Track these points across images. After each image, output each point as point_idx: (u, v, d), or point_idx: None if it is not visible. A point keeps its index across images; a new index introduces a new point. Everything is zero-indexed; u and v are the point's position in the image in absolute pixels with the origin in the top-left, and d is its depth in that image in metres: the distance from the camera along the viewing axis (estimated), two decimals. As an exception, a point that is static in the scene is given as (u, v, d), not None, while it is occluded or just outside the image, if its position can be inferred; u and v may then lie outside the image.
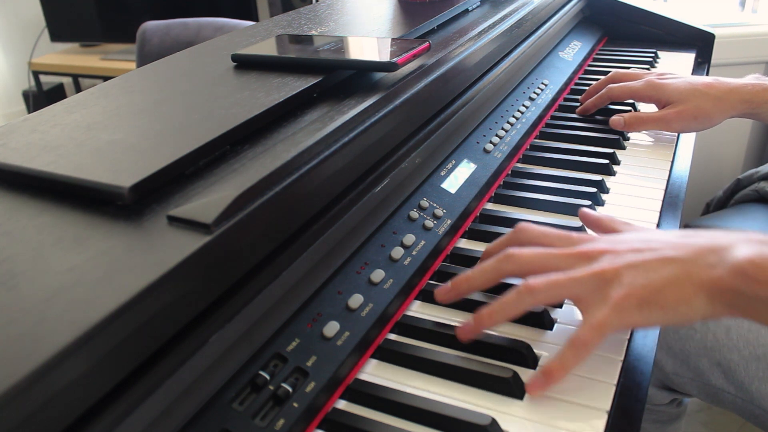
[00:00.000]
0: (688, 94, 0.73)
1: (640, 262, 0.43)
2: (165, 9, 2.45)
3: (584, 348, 0.42)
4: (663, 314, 0.41)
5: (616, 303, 0.41)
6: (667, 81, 0.76)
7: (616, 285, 0.42)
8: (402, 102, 0.55)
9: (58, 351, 0.27)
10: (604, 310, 0.42)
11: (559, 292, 0.44)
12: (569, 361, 0.42)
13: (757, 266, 0.38)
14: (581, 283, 0.43)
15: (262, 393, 0.38)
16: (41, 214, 0.39)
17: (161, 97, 0.53)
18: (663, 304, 0.41)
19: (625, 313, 0.41)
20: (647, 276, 0.42)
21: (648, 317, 0.41)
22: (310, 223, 0.45)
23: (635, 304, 0.41)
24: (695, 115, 0.73)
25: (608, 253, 0.45)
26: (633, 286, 0.42)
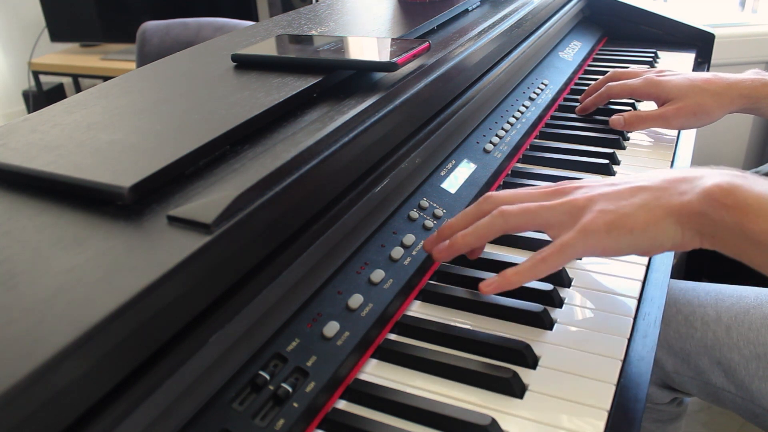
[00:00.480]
0: (687, 91, 0.73)
1: (612, 191, 0.44)
2: (165, 9, 2.45)
3: (542, 262, 0.44)
4: (631, 237, 0.42)
5: (584, 225, 0.43)
6: (666, 78, 0.76)
7: (586, 211, 0.44)
8: (402, 102, 0.55)
9: (58, 351, 0.27)
10: (571, 232, 0.43)
11: (530, 217, 0.46)
12: (525, 271, 0.44)
13: (724, 190, 0.40)
14: (553, 210, 0.45)
15: (262, 393, 0.38)
16: (41, 214, 0.39)
17: (161, 97, 0.53)
18: (631, 226, 0.42)
19: (592, 235, 0.43)
20: (617, 202, 0.43)
21: (617, 240, 0.43)
22: (310, 223, 0.45)
23: (603, 228, 0.42)
24: (695, 111, 0.73)
25: (583, 188, 0.47)
26: (602, 211, 0.43)
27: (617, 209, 0.43)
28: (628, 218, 0.42)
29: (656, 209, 0.42)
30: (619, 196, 0.44)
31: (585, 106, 0.83)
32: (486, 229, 0.47)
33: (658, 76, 0.77)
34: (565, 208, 0.45)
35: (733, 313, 0.71)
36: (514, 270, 0.45)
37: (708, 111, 0.73)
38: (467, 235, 0.47)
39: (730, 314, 0.71)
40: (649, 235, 0.42)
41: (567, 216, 0.45)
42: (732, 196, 0.39)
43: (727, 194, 0.40)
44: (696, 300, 0.74)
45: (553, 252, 0.44)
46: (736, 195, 0.40)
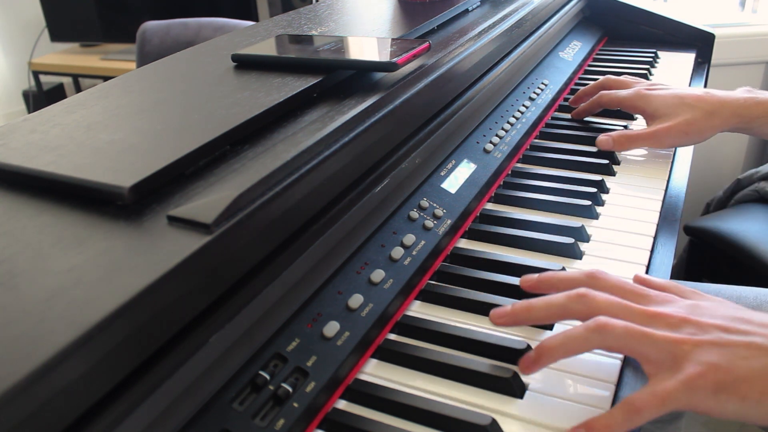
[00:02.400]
0: (676, 108, 0.70)
1: (726, 342, 0.38)
2: (165, 9, 2.45)
3: (637, 415, 0.37)
4: (741, 406, 0.37)
5: (689, 379, 0.37)
6: (655, 92, 0.73)
7: (694, 360, 0.38)
8: (402, 102, 0.55)
9: (58, 351, 0.27)
10: (674, 382, 0.37)
11: (631, 343, 0.39)
12: (617, 425, 0.38)
13: None
14: (657, 344, 0.39)
15: (262, 393, 0.38)
16: (41, 214, 0.39)
17: (161, 97, 0.53)
18: (744, 394, 0.37)
19: (697, 393, 0.37)
20: (731, 360, 0.37)
21: (723, 405, 0.37)
22: (310, 223, 0.45)
23: (711, 387, 0.37)
24: (686, 131, 0.69)
25: (690, 324, 0.40)
26: (713, 367, 0.37)
27: (730, 369, 0.37)
28: (742, 384, 0.37)
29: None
30: (733, 350, 0.38)
31: (578, 112, 0.82)
32: (580, 345, 0.41)
33: (647, 90, 0.74)
34: (671, 347, 0.39)
35: (734, 314, 0.71)
36: (604, 422, 0.38)
37: (699, 130, 0.69)
38: (558, 347, 0.41)
39: (730, 315, 0.71)
40: (763, 408, 0.36)
41: (669, 356, 0.38)
42: None
43: None
44: (696, 300, 0.74)
45: (653, 403, 0.37)
46: None
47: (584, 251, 0.57)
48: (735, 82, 1.60)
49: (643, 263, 0.55)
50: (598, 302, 0.42)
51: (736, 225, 1.03)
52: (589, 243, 0.58)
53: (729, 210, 1.12)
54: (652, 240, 0.58)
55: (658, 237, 0.60)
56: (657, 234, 0.60)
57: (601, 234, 0.60)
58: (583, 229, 0.59)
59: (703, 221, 1.08)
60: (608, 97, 0.78)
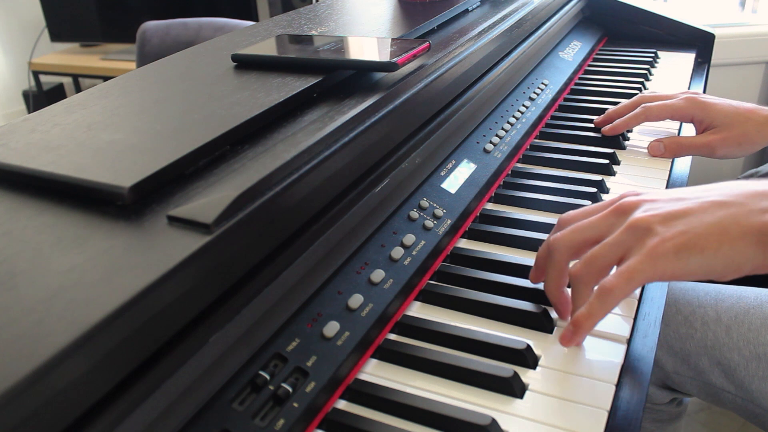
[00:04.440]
0: (733, 119, 0.70)
1: (681, 209, 0.40)
2: (165, 9, 2.45)
3: (610, 295, 0.40)
4: (703, 258, 0.38)
5: (650, 249, 0.39)
6: (711, 101, 0.72)
7: (652, 233, 0.39)
8: (402, 102, 0.55)
9: (58, 351, 0.27)
10: (637, 257, 0.39)
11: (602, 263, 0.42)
12: (596, 310, 0.40)
13: None
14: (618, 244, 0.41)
15: (262, 393, 0.38)
16: (41, 214, 0.39)
17: (161, 97, 0.53)
18: (703, 246, 0.38)
19: (660, 260, 0.39)
20: (688, 221, 0.39)
21: (686, 263, 0.38)
22: (310, 223, 0.45)
23: (672, 250, 0.38)
24: (740, 142, 0.69)
25: (646, 203, 0.42)
26: (670, 232, 0.39)
27: (687, 229, 0.39)
28: (699, 238, 0.38)
29: (732, 227, 0.38)
30: (688, 213, 0.40)
31: (616, 127, 0.77)
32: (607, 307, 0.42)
33: (701, 97, 0.72)
34: (629, 234, 0.41)
35: (733, 314, 0.71)
36: (585, 313, 0.41)
37: (753, 141, 0.70)
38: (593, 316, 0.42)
39: (730, 314, 0.71)
40: (724, 255, 0.38)
41: (631, 238, 0.40)
42: None
43: None
44: (696, 300, 0.74)
45: (621, 281, 0.40)
46: None
47: (584, 251, 0.57)
48: (735, 82, 1.60)
49: (643, 263, 0.55)
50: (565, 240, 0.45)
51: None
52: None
53: (729, 210, 1.12)
54: (652, 240, 0.58)
55: (658, 237, 0.60)
56: (657, 234, 0.60)
57: (601, 234, 0.59)
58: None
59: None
60: (658, 109, 0.74)
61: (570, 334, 0.42)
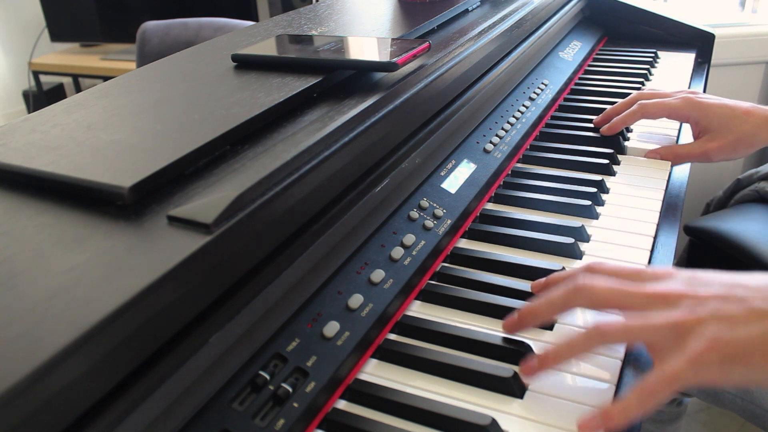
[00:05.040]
0: (728, 122, 0.69)
1: (726, 313, 0.39)
2: (165, 9, 2.45)
3: (651, 397, 0.38)
4: (747, 373, 0.37)
5: (695, 356, 0.38)
6: (708, 101, 0.71)
7: (696, 336, 0.38)
8: (402, 102, 0.55)
9: (58, 351, 0.27)
10: (680, 361, 0.38)
11: (632, 337, 0.40)
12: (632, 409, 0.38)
13: None
14: (657, 330, 0.40)
15: (262, 393, 0.38)
16: (41, 214, 0.39)
17: (161, 97, 0.53)
18: (748, 361, 0.37)
19: (704, 368, 0.38)
20: (733, 330, 0.38)
21: (729, 374, 0.38)
22: (310, 222, 0.45)
23: (716, 360, 0.37)
24: (735, 147, 0.69)
25: (688, 299, 0.41)
26: (716, 340, 0.38)
27: (733, 339, 0.37)
28: (745, 352, 0.37)
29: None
30: (733, 320, 0.38)
31: (613, 125, 0.76)
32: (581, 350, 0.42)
33: (698, 97, 0.72)
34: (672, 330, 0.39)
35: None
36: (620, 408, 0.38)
37: (750, 144, 0.69)
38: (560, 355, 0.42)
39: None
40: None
41: (672, 338, 0.39)
42: None
43: None
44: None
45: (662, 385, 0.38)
46: None
47: (584, 251, 0.57)
48: (735, 82, 1.60)
49: (644, 263, 0.55)
50: (596, 291, 0.43)
51: (736, 225, 1.03)
52: (589, 243, 0.58)
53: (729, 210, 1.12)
54: (652, 240, 0.58)
55: (658, 237, 0.60)
56: (657, 234, 0.60)
57: (601, 234, 0.60)
58: (583, 229, 0.59)
59: (703, 221, 1.08)
60: (654, 107, 0.73)
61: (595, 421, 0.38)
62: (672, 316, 0.40)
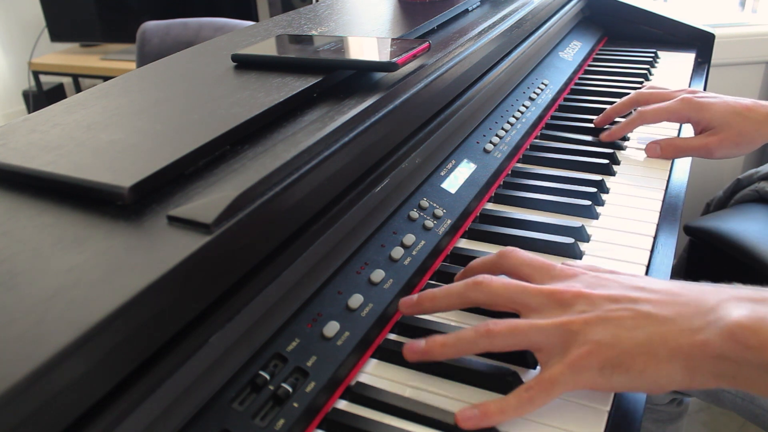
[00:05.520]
0: (729, 118, 0.69)
1: (613, 316, 0.39)
2: (165, 9, 2.45)
3: (528, 402, 0.39)
4: (627, 377, 0.37)
5: (574, 361, 0.38)
6: (707, 100, 0.71)
7: (579, 340, 0.38)
8: (402, 102, 0.55)
9: (58, 351, 0.27)
10: (559, 366, 0.38)
11: (518, 340, 0.40)
12: (509, 410, 0.39)
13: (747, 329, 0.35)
14: (543, 332, 0.40)
15: (262, 393, 0.38)
16: (41, 214, 0.39)
17: (161, 97, 0.53)
18: (628, 367, 0.37)
19: (583, 373, 0.38)
20: (616, 334, 0.38)
21: (609, 380, 0.38)
22: (310, 222, 0.45)
23: (596, 365, 0.38)
24: (737, 142, 0.69)
25: (582, 298, 0.41)
26: (597, 345, 0.38)
27: (614, 344, 0.37)
28: (626, 357, 0.37)
29: (660, 349, 0.37)
30: (618, 323, 0.38)
31: (613, 134, 0.76)
32: (467, 347, 0.41)
33: (697, 98, 0.71)
34: (557, 332, 0.39)
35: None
36: (498, 407, 0.39)
37: (752, 140, 0.69)
38: (446, 347, 0.42)
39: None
40: (648, 377, 0.37)
41: (558, 340, 0.39)
42: (757, 336, 0.34)
43: (751, 334, 0.34)
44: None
45: (541, 391, 0.38)
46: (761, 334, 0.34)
47: (584, 251, 0.57)
48: (735, 82, 1.60)
49: (643, 263, 0.55)
50: (493, 288, 0.43)
51: (736, 225, 1.03)
52: (589, 243, 0.58)
53: (729, 210, 1.12)
54: (652, 240, 0.58)
55: (658, 237, 0.60)
56: (657, 234, 0.60)
57: (601, 234, 0.60)
58: (583, 229, 0.59)
59: (703, 221, 1.08)
60: (654, 113, 0.73)
61: (474, 417, 0.39)
62: (559, 318, 0.40)
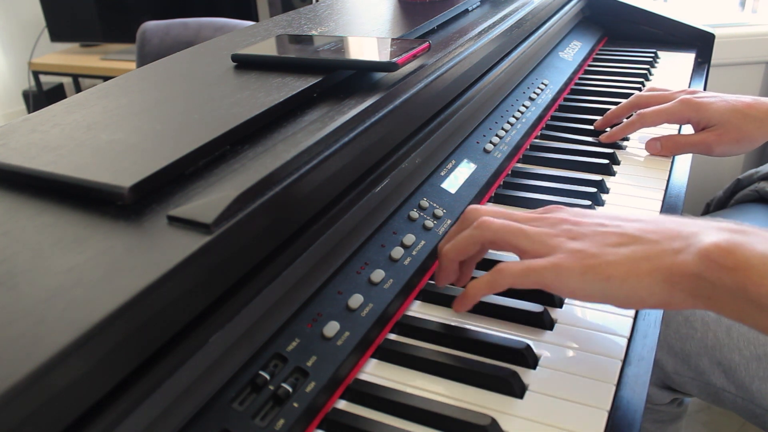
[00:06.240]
0: (729, 116, 0.69)
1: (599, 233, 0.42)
2: (165, 9, 2.45)
3: (499, 274, 0.42)
4: (607, 285, 0.39)
5: (559, 261, 0.40)
6: (706, 100, 0.71)
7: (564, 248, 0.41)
8: (402, 102, 0.55)
9: (58, 351, 0.27)
10: (543, 261, 0.41)
11: (509, 237, 0.44)
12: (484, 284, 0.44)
13: (723, 251, 0.36)
14: (530, 236, 0.43)
15: (262, 393, 0.38)
16: (41, 214, 0.39)
17: (161, 97, 0.53)
18: (610, 274, 0.39)
19: (564, 273, 0.40)
20: (601, 247, 0.41)
21: (589, 285, 0.40)
22: (310, 223, 0.45)
23: (578, 269, 0.40)
24: (738, 139, 0.69)
25: (568, 222, 0.44)
26: (581, 252, 0.40)
27: (599, 254, 0.40)
28: (608, 265, 0.39)
29: (642, 263, 0.39)
30: (604, 240, 0.41)
31: (612, 135, 0.76)
32: (465, 242, 0.46)
33: (696, 98, 0.71)
34: (544, 238, 0.42)
35: (733, 314, 0.71)
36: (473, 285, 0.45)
37: (752, 138, 0.69)
38: (449, 250, 0.46)
39: (730, 314, 0.71)
40: (628, 287, 0.39)
41: (544, 246, 0.42)
42: (732, 257, 0.36)
43: (726, 255, 0.36)
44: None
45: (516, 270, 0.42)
46: (736, 255, 0.36)
47: (584, 251, 0.57)
48: (735, 82, 1.60)
49: (643, 263, 0.55)
50: (482, 209, 0.47)
51: (736, 225, 1.03)
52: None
53: (729, 210, 1.12)
54: (652, 240, 0.58)
55: (658, 237, 0.60)
56: (657, 234, 0.60)
57: (601, 234, 0.59)
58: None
59: (703, 221, 1.08)
60: (654, 115, 0.73)
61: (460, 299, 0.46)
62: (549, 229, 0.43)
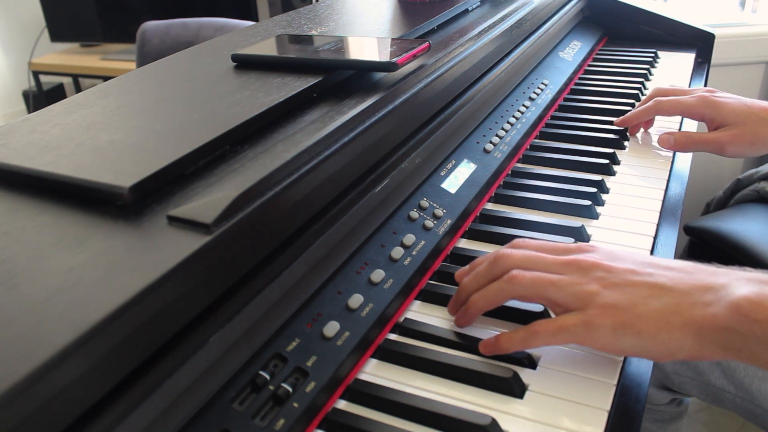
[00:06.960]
0: (745, 117, 0.69)
1: (630, 282, 0.41)
2: (165, 9, 2.45)
3: (534, 335, 0.42)
4: (638, 341, 0.39)
5: (589, 318, 0.40)
6: (723, 99, 0.71)
7: (596, 302, 0.41)
8: (402, 102, 0.55)
9: (58, 351, 0.27)
10: (574, 318, 0.41)
11: (540, 290, 0.43)
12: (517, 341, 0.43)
13: (755, 304, 0.37)
14: (564, 289, 0.42)
15: (262, 393, 0.38)
16: (41, 214, 0.39)
17: (161, 97, 0.53)
18: (641, 329, 0.39)
19: (595, 330, 0.40)
20: (632, 300, 0.40)
21: (620, 340, 0.40)
22: (310, 223, 0.45)
23: (609, 325, 0.40)
24: (752, 141, 0.68)
25: (600, 268, 0.43)
26: (613, 306, 0.40)
27: (629, 308, 0.40)
28: (640, 321, 0.39)
29: (673, 317, 0.39)
30: (636, 291, 0.41)
31: (627, 119, 0.78)
32: (495, 295, 0.45)
33: (713, 96, 0.72)
34: (576, 291, 0.42)
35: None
36: (507, 338, 0.43)
37: (765, 141, 0.68)
38: (478, 300, 0.46)
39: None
40: (659, 342, 0.39)
41: (576, 300, 0.42)
42: (763, 310, 0.36)
43: (758, 308, 0.36)
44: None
45: (549, 331, 0.42)
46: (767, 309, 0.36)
47: (584, 251, 0.57)
48: (735, 82, 1.60)
49: (643, 263, 0.55)
50: (514, 258, 0.46)
51: (736, 225, 1.03)
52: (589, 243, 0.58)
53: (729, 210, 1.12)
54: (652, 240, 0.58)
55: (659, 237, 0.60)
56: (657, 234, 0.60)
57: (601, 234, 0.60)
58: (583, 229, 0.59)
59: (703, 221, 1.08)
60: (669, 104, 0.73)
61: (490, 346, 0.44)
62: (580, 279, 0.42)
